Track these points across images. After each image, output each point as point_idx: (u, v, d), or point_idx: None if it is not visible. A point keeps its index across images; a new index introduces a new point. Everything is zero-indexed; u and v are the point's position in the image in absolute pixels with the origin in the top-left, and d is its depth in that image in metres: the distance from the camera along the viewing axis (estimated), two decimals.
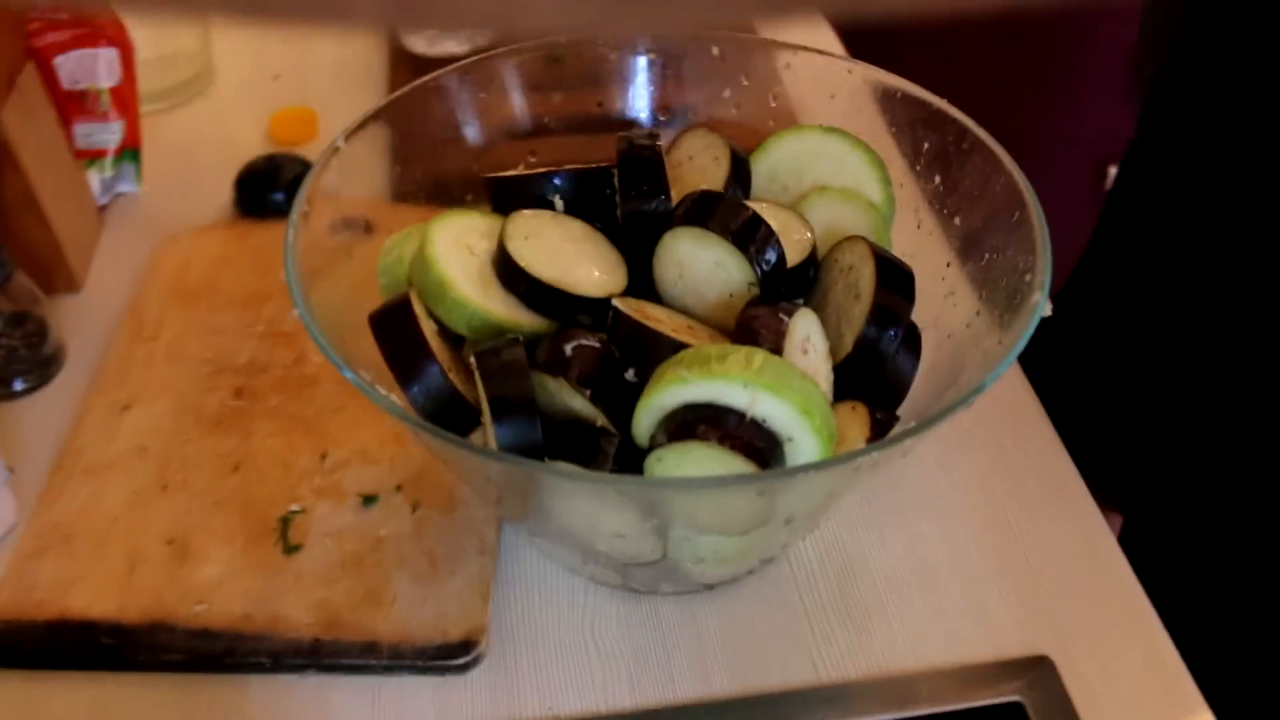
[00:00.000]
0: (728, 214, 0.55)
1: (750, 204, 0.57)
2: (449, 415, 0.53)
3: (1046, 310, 0.50)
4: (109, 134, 0.85)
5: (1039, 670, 0.58)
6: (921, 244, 0.62)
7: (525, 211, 0.58)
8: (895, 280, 0.55)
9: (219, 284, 0.78)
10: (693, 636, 0.60)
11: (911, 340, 0.58)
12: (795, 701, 0.57)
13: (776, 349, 0.51)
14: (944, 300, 0.60)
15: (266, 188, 0.83)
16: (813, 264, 0.59)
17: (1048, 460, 0.68)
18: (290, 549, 0.62)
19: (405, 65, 0.97)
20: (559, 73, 0.69)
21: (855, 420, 0.54)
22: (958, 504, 0.65)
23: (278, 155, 0.85)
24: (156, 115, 0.95)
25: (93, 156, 0.85)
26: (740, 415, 0.48)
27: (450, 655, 0.57)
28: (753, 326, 0.52)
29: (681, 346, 0.51)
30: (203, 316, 0.75)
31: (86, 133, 0.85)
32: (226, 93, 1.00)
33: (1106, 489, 0.66)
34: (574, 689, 0.57)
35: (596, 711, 0.57)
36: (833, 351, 0.55)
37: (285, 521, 0.63)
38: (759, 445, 0.48)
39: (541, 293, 0.55)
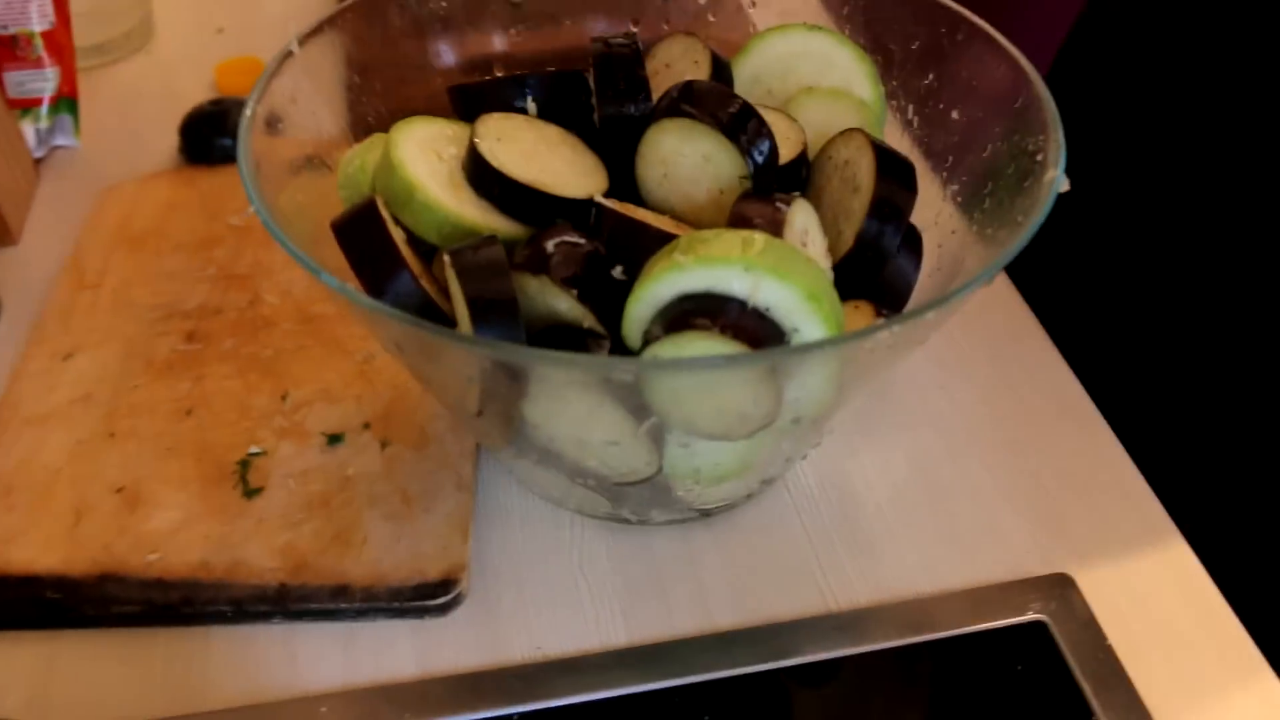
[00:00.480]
0: (716, 103, 0.51)
1: None
2: None
3: (1064, 186, 0.47)
4: (43, 81, 0.80)
5: (1061, 588, 0.54)
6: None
7: (495, 114, 0.54)
8: (896, 170, 0.51)
9: (166, 230, 0.73)
10: (689, 568, 0.55)
11: (912, 241, 0.55)
12: (804, 630, 0.53)
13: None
14: (944, 199, 0.56)
15: (213, 132, 0.78)
16: (804, 163, 0.55)
17: (1050, 377, 0.64)
18: (250, 492, 0.57)
19: None
20: (521, 12, 0.65)
21: (860, 319, 0.50)
22: (961, 424, 0.62)
23: (224, 100, 0.80)
24: (94, 70, 0.90)
25: (26, 106, 0.80)
26: (741, 304, 0.44)
27: (428, 595, 0.53)
28: (748, 217, 0.48)
29: (672, 239, 0.47)
30: (149, 262, 0.70)
31: (19, 81, 0.80)
32: (168, 47, 0.95)
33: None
34: (564, 627, 0.53)
35: (589, 649, 0.52)
36: (831, 250, 0.52)
37: (244, 464, 0.58)
38: (761, 337, 0.44)
39: (517, 194, 0.51)
